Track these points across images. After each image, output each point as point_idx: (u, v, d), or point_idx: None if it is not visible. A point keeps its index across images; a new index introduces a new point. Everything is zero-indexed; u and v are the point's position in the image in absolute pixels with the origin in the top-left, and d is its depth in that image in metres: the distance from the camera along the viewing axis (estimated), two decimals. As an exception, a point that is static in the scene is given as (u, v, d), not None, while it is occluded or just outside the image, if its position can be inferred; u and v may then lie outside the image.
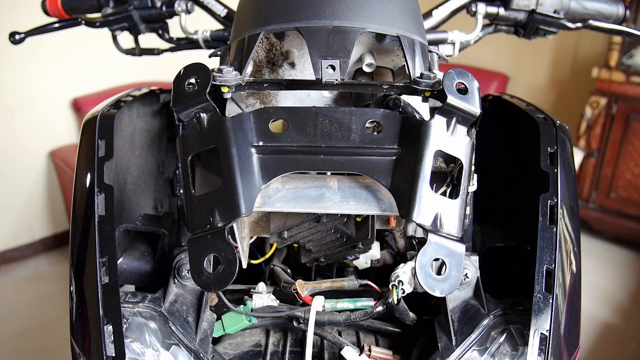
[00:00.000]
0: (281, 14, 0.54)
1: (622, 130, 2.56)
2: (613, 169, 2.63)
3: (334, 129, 0.49)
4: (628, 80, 2.50)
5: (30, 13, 1.39)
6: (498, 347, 0.54)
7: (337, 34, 0.51)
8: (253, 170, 0.49)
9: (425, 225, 0.47)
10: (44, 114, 2.55)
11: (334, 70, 0.50)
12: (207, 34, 0.86)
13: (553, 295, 0.53)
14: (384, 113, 0.49)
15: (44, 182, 2.62)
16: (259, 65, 0.64)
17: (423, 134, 0.48)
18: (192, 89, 0.50)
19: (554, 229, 0.57)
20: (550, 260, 0.55)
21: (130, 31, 0.89)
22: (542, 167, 0.62)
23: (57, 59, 2.51)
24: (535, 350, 0.51)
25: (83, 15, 0.89)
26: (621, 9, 0.82)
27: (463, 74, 0.49)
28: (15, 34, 0.89)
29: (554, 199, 0.59)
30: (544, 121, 0.67)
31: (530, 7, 0.82)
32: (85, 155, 0.63)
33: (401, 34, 0.54)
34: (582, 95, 2.87)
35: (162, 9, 0.87)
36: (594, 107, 2.61)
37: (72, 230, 0.60)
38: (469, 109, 0.48)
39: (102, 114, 0.65)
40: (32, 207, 2.61)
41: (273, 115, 0.50)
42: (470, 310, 0.57)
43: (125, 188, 0.73)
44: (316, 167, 0.50)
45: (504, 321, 0.56)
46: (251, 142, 0.49)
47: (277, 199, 0.54)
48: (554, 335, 0.52)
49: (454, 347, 0.54)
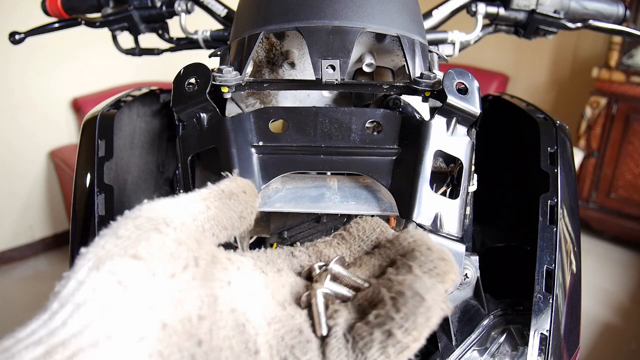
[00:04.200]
0: (281, 14, 0.54)
1: (622, 130, 2.56)
2: (613, 169, 2.63)
3: (334, 129, 0.49)
4: (628, 80, 2.50)
5: (30, 13, 1.39)
6: (498, 347, 0.54)
7: (337, 34, 0.51)
8: (253, 170, 0.49)
9: (425, 225, 0.47)
10: (44, 114, 2.55)
11: (334, 70, 0.50)
12: (207, 34, 0.86)
13: (553, 295, 0.53)
14: (384, 113, 0.49)
15: (44, 182, 2.62)
16: (259, 65, 0.64)
17: (423, 134, 0.48)
18: (192, 89, 0.50)
19: (554, 229, 0.57)
20: (550, 260, 0.55)
21: (130, 31, 0.89)
22: (542, 167, 0.62)
23: (57, 59, 2.51)
24: (535, 350, 0.51)
25: (83, 15, 0.89)
26: (621, 9, 0.82)
27: (463, 74, 0.49)
28: (15, 34, 0.89)
29: (554, 199, 0.59)
30: (544, 121, 0.67)
31: (530, 7, 0.82)
32: (85, 155, 0.63)
33: (401, 34, 0.54)
34: (582, 95, 2.88)
35: (162, 9, 0.87)
36: (594, 107, 2.61)
37: (72, 230, 0.60)
38: (469, 109, 0.48)
39: (102, 114, 0.65)
40: (32, 207, 2.61)
41: (273, 115, 0.50)
42: (470, 310, 0.58)
43: (125, 188, 0.73)
44: (316, 167, 0.50)
45: (504, 321, 0.56)
46: (251, 142, 0.49)
47: (277, 199, 0.54)
48: (554, 335, 0.52)
49: (454, 347, 0.54)
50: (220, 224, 0.35)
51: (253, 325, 0.30)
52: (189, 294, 0.27)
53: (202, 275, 0.29)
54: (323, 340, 0.30)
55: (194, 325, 0.27)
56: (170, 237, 0.29)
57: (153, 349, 0.25)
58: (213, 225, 0.34)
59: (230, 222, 0.36)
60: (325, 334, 0.30)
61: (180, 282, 0.27)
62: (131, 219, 0.29)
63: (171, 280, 0.27)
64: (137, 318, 0.25)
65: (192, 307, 0.27)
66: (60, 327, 0.23)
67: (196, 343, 0.26)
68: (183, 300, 0.27)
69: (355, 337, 0.29)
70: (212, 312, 0.28)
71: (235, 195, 0.37)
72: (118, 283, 0.25)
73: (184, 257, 0.28)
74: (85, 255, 0.26)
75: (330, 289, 0.34)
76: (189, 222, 0.32)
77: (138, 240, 0.27)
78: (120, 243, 0.27)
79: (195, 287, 0.28)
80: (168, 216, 0.30)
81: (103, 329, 0.23)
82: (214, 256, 0.31)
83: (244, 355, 0.28)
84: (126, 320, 0.24)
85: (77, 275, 0.25)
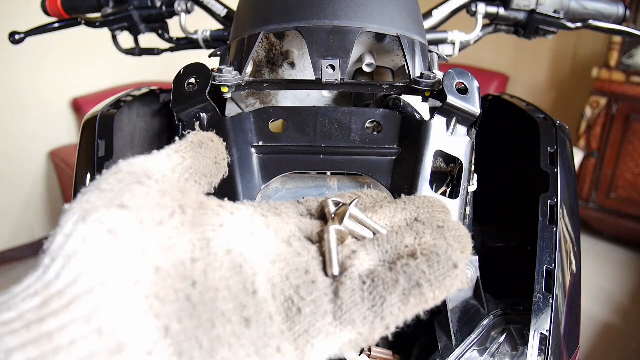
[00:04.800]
0: (281, 14, 0.54)
1: (622, 130, 2.56)
2: (613, 169, 2.63)
3: (334, 129, 0.49)
4: (628, 80, 2.50)
5: (30, 13, 1.39)
6: (498, 347, 0.54)
7: (337, 34, 0.51)
8: (253, 171, 0.49)
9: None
10: (44, 114, 2.55)
11: (334, 70, 0.50)
12: (207, 34, 0.86)
13: (553, 295, 0.53)
14: (384, 113, 0.49)
15: (44, 182, 2.62)
16: (259, 65, 0.64)
17: (423, 134, 0.48)
18: (192, 89, 0.50)
19: (554, 229, 0.57)
20: (550, 260, 0.55)
21: (130, 31, 0.89)
22: (542, 167, 0.62)
23: (57, 59, 2.51)
24: (535, 350, 0.51)
25: (83, 15, 0.89)
26: (621, 9, 0.82)
27: (463, 74, 0.49)
28: (15, 34, 0.89)
29: (554, 199, 0.59)
30: (544, 121, 0.67)
31: (530, 7, 0.82)
32: (85, 155, 0.63)
33: (401, 34, 0.54)
34: (582, 95, 2.88)
35: (162, 9, 0.87)
36: (594, 107, 2.61)
37: (72, 230, 0.60)
38: (469, 109, 0.48)
39: (102, 114, 0.65)
40: (32, 207, 2.61)
41: (273, 115, 0.50)
42: (470, 310, 0.57)
43: (125, 188, 0.73)
44: (316, 167, 0.50)
45: (504, 321, 0.56)
46: (251, 142, 0.49)
47: (277, 199, 0.54)
48: (554, 335, 0.52)
49: (454, 347, 0.54)
50: (198, 171, 0.36)
51: (251, 266, 0.29)
52: (179, 239, 0.28)
53: (191, 222, 0.29)
54: (334, 280, 0.30)
55: (187, 268, 0.27)
56: (153, 189, 0.29)
57: (149, 291, 0.25)
58: (192, 174, 0.35)
59: (207, 169, 0.37)
60: (336, 274, 0.30)
61: (169, 229, 0.28)
62: (112, 174, 0.29)
63: (159, 227, 0.27)
64: (130, 264, 0.25)
65: (183, 252, 0.27)
66: (54, 279, 0.23)
67: (190, 284, 0.26)
68: (174, 246, 0.27)
69: (376, 279, 0.29)
70: (205, 255, 0.28)
71: (204, 144, 0.38)
72: (108, 232, 0.25)
73: (170, 206, 0.29)
74: (70, 211, 0.26)
75: (347, 227, 0.33)
76: (169, 174, 0.33)
77: (122, 192, 0.27)
78: (104, 196, 0.27)
79: (184, 233, 0.28)
80: (148, 170, 0.31)
81: (97, 276, 0.24)
82: (202, 203, 0.31)
83: (242, 295, 0.28)
84: (119, 266, 0.24)
85: (64, 230, 0.25)
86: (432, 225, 0.33)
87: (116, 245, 0.25)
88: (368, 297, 0.28)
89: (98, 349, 0.22)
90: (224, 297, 0.27)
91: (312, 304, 0.28)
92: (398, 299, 0.28)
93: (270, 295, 0.29)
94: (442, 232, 0.33)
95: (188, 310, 0.25)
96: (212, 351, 0.25)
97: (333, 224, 0.33)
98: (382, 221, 0.35)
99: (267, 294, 0.29)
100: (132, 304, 0.24)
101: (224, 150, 0.41)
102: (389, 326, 0.28)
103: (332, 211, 0.35)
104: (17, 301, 0.22)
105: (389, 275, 0.29)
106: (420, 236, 0.32)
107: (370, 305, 0.28)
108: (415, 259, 0.30)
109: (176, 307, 0.25)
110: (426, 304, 0.28)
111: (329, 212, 0.35)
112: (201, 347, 0.25)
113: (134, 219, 0.26)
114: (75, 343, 0.21)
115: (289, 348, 0.27)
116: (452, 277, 0.29)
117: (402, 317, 0.28)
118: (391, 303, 0.28)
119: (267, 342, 0.27)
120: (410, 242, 0.32)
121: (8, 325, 0.21)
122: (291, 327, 0.28)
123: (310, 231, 0.34)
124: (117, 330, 0.23)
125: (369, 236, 0.33)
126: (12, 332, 0.21)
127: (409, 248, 0.31)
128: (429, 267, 0.29)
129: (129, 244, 0.25)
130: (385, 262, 0.31)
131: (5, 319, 0.21)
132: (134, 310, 0.24)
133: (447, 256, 0.30)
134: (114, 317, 0.23)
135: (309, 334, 0.27)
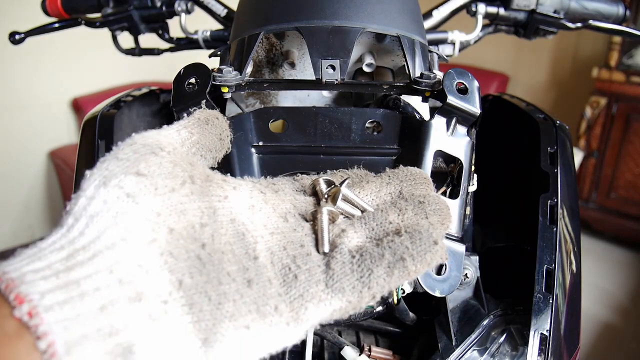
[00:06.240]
0: (281, 14, 0.54)
1: (622, 130, 2.56)
2: (613, 169, 2.63)
3: (334, 129, 0.49)
4: (628, 80, 2.50)
5: (30, 13, 1.39)
6: (498, 347, 0.54)
7: (337, 34, 0.51)
8: (253, 171, 0.49)
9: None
10: (44, 114, 2.55)
11: (334, 70, 0.50)
12: (207, 34, 0.86)
13: (553, 295, 0.53)
14: (384, 113, 0.50)
15: (44, 182, 2.62)
16: (259, 65, 0.64)
17: (423, 134, 0.48)
18: (192, 89, 0.50)
19: (554, 229, 0.57)
20: (550, 260, 0.55)
21: (130, 31, 0.89)
22: (542, 167, 0.62)
23: (57, 59, 2.51)
24: (535, 350, 0.51)
25: (83, 15, 0.89)
26: (621, 9, 0.82)
27: (463, 74, 0.49)
28: (15, 34, 0.89)
29: (554, 199, 0.59)
30: (544, 121, 0.67)
31: (530, 7, 0.82)
32: (85, 155, 0.63)
33: (401, 34, 0.54)
34: (582, 95, 2.88)
35: (162, 9, 0.87)
36: (594, 107, 2.62)
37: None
38: (469, 109, 0.48)
39: (102, 114, 0.65)
40: (32, 207, 2.61)
41: (273, 115, 0.50)
42: (470, 310, 0.57)
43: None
44: (316, 167, 0.50)
45: (504, 321, 0.56)
46: (251, 142, 0.49)
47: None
48: (554, 335, 0.52)
49: (454, 347, 0.54)
50: (204, 146, 0.39)
51: (252, 235, 0.32)
52: (189, 205, 0.30)
53: (199, 191, 0.32)
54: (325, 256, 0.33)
55: (197, 231, 0.30)
56: (166, 159, 0.31)
57: (163, 249, 0.28)
58: (199, 149, 0.39)
59: (213, 144, 0.40)
60: (326, 251, 0.33)
61: (180, 196, 0.30)
62: (128, 145, 0.32)
63: (172, 193, 0.30)
64: (146, 224, 0.28)
65: (193, 217, 0.30)
66: (78, 236, 0.26)
67: (200, 246, 0.29)
68: (185, 210, 0.30)
69: (364, 254, 0.32)
70: (212, 221, 0.31)
71: (210, 121, 0.41)
72: (126, 195, 0.28)
73: (181, 176, 0.31)
74: (90, 177, 0.29)
75: (339, 207, 0.36)
76: (178, 147, 0.36)
77: (138, 161, 0.30)
78: (122, 164, 0.30)
79: (194, 200, 0.31)
80: (161, 142, 0.33)
81: (118, 234, 0.26)
82: (208, 176, 0.34)
83: (244, 259, 0.31)
84: (137, 226, 0.27)
85: (86, 193, 0.28)
86: (414, 201, 0.36)
87: (134, 207, 0.28)
88: (357, 269, 0.31)
89: (119, 296, 0.24)
90: (229, 260, 0.30)
91: (307, 272, 0.31)
92: (384, 271, 0.31)
93: (269, 262, 0.32)
94: (423, 207, 0.36)
95: (198, 268, 0.28)
96: (219, 304, 0.28)
97: (325, 204, 0.36)
98: (368, 197, 0.38)
99: (267, 261, 0.32)
100: (149, 259, 0.27)
101: (227, 128, 0.44)
102: (375, 295, 0.30)
103: (324, 190, 0.38)
104: (45, 253, 0.25)
105: (376, 250, 0.32)
106: (403, 212, 0.36)
107: (359, 276, 0.31)
108: (400, 236, 0.33)
109: (188, 264, 0.28)
110: (409, 276, 0.31)
111: (321, 191, 0.38)
112: (210, 300, 0.27)
113: (149, 185, 0.29)
114: (99, 290, 0.24)
115: (285, 309, 0.30)
116: (433, 252, 0.32)
117: (387, 287, 0.31)
118: (377, 274, 0.31)
119: (266, 301, 0.29)
120: (394, 219, 0.35)
121: (39, 273, 0.24)
122: (287, 291, 0.30)
123: (304, 209, 0.37)
124: (136, 280, 0.25)
125: (358, 214, 0.37)
126: (43, 278, 0.23)
127: (393, 225, 0.35)
128: (412, 243, 0.32)
129: (146, 206, 0.28)
130: (372, 238, 0.34)
131: (36, 267, 0.24)
132: (151, 264, 0.27)
133: (429, 233, 0.33)
134: (133, 269, 0.26)
135: (303, 297, 0.30)
